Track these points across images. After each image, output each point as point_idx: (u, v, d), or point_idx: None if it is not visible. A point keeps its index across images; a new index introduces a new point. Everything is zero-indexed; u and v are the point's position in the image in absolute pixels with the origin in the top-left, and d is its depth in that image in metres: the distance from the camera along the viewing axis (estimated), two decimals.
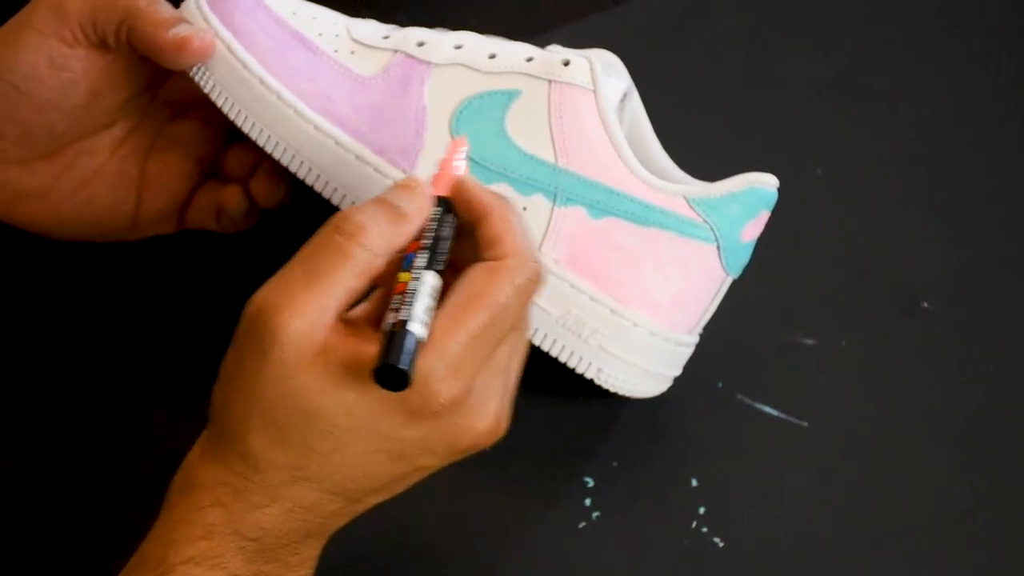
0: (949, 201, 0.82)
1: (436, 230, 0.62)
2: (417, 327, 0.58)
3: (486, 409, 0.62)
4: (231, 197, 0.75)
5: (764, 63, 0.85)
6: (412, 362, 0.57)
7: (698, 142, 0.79)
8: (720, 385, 0.76)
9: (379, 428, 0.61)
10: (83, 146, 0.74)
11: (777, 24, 0.86)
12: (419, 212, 0.62)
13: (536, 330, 0.70)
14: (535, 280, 0.62)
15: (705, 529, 0.73)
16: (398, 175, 0.70)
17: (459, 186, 0.64)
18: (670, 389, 0.73)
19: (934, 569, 0.73)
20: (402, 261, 0.60)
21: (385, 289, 0.62)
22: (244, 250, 0.77)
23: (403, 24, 0.75)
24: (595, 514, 0.73)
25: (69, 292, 0.78)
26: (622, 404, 0.74)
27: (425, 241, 0.61)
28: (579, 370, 0.70)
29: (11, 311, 0.77)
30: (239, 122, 0.71)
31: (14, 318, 0.77)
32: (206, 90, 0.71)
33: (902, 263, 0.80)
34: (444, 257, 0.61)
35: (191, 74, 0.71)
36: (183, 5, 0.73)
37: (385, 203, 0.62)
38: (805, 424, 0.75)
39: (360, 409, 0.60)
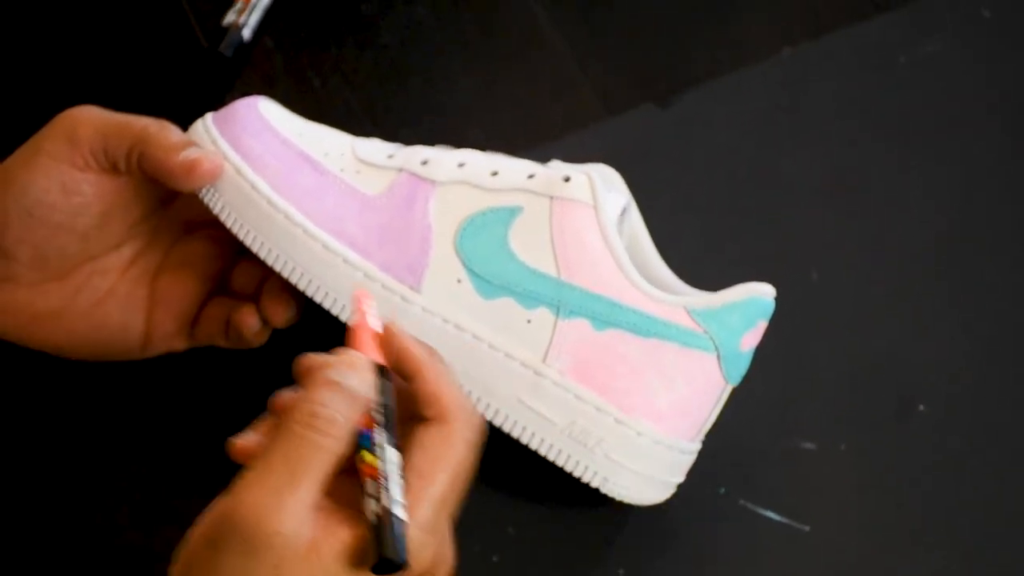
0: (944, 302, 0.82)
1: (384, 402, 0.62)
2: (400, 511, 0.59)
3: (449, 547, 0.63)
4: (245, 317, 0.75)
5: (758, 169, 0.85)
6: (405, 547, 0.58)
7: (695, 250, 0.80)
8: (723, 491, 0.75)
9: None
10: (94, 267, 0.74)
11: (771, 131, 0.87)
12: (368, 389, 0.62)
13: (542, 440, 0.70)
14: (481, 431, 0.63)
15: None
16: (405, 291, 0.70)
17: (386, 343, 0.64)
18: (674, 496, 0.73)
19: None
20: (356, 438, 0.61)
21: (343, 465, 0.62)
22: (253, 365, 0.77)
23: (407, 141, 0.76)
24: None
25: (76, 407, 0.77)
26: (626, 512, 0.73)
27: (378, 416, 0.61)
28: (585, 479, 0.70)
29: (19, 425, 0.77)
30: (248, 242, 0.71)
31: (21, 432, 0.77)
32: (215, 211, 0.71)
33: (898, 366, 0.80)
34: (394, 426, 0.62)
35: (200, 195, 0.72)
36: (191, 129, 0.74)
37: (338, 387, 0.61)
38: (807, 529, 0.75)
39: None
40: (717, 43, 0.90)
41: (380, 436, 0.61)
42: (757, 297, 0.69)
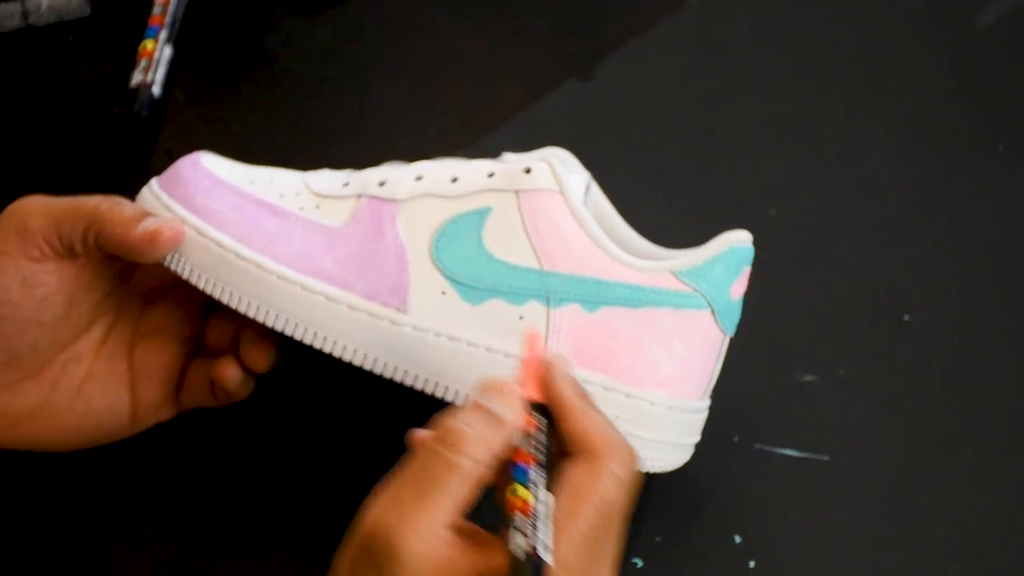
0: (900, 216, 0.80)
1: (543, 440, 0.59)
2: (545, 553, 0.56)
3: None
4: (225, 370, 0.71)
5: (693, 120, 0.83)
6: None
7: (657, 212, 0.77)
8: (736, 439, 0.73)
9: None
10: (67, 355, 0.70)
11: (696, 82, 0.84)
12: (514, 415, 0.60)
13: None
14: (632, 463, 0.60)
15: None
16: (392, 314, 0.66)
17: (544, 381, 0.61)
18: (692, 455, 0.70)
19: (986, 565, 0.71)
20: (509, 468, 0.58)
21: (498, 499, 0.60)
22: (247, 419, 0.73)
23: (340, 162, 0.72)
24: None
25: (75, 475, 0.72)
26: (649, 480, 0.70)
27: (536, 454, 0.59)
28: None
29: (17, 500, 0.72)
30: (225, 299, 0.67)
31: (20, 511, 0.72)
32: (185, 275, 0.67)
33: (874, 283, 0.78)
34: (551, 467, 0.59)
35: (166, 264, 0.67)
36: (140, 198, 0.69)
37: (481, 409, 0.60)
38: (826, 458, 0.72)
39: None
40: (621, 9, 0.86)
41: (536, 473, 0.58)
42: (736, 246, 0.67)
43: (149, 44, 0.84)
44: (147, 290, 0.72)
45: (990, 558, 0.71)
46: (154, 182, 0.69)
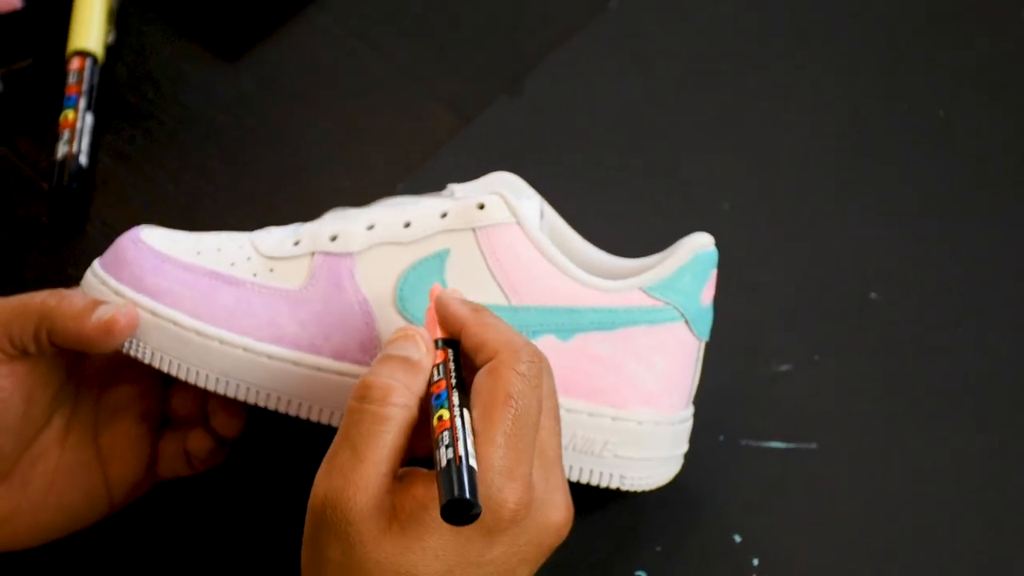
0: (861, 192, 0.78)
1: (456, 369, 0.59)
2: (467, 456, 0.56)
3: (556, 501, 0.59)
4: (197, 441, 0.68)
5: (632, 122, 0.80)
6: (475, 491, 0.55)
7: (611, 221, 0.75)
8: (722, 439, 0.70)
9: (470, 558, 0.57)
10: (32, 453, 0.66)
11: (626, 83, 0.81)
12: (423, 355, 0.60)
13: None
14: (535, 359, 0.59)
15: None
16: (364, 372, 0.62)
17: (435, 311, 0.62)
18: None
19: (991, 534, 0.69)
20: (431, 401, 0.59)
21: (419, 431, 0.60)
22: (225, 482, 0.70)
23: (281, 210, 0.69)
24: None
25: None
26: (643, 492, 0.68)
27: (453, 379, 0.59)
28: (603, 484, 0.65)
29: None
30: (191, 379, 0.63)
31: None
32: (145, 360, 0.64)
33: (836, 264, 0.76)
34: (465, 387, 0.60)
35: (125, 351, 0.64)
36: (84, 283, 0.65)
37: (396, 358, 0.60)
38: (814, 446, 0.70)
39: (446, 550, 0.57)
40: (542, 20, 0.84)
41: (455, 396, 0.58)
42: (700, 252, 0.64)
43: (70, 114, 0.80)
44: (101, 373, 0.69)
45: (984, 524, 0.69)
46: (96, 265, 0.66)
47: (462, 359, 0.60)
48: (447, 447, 0.56)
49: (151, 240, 0.65)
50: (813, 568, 0.68)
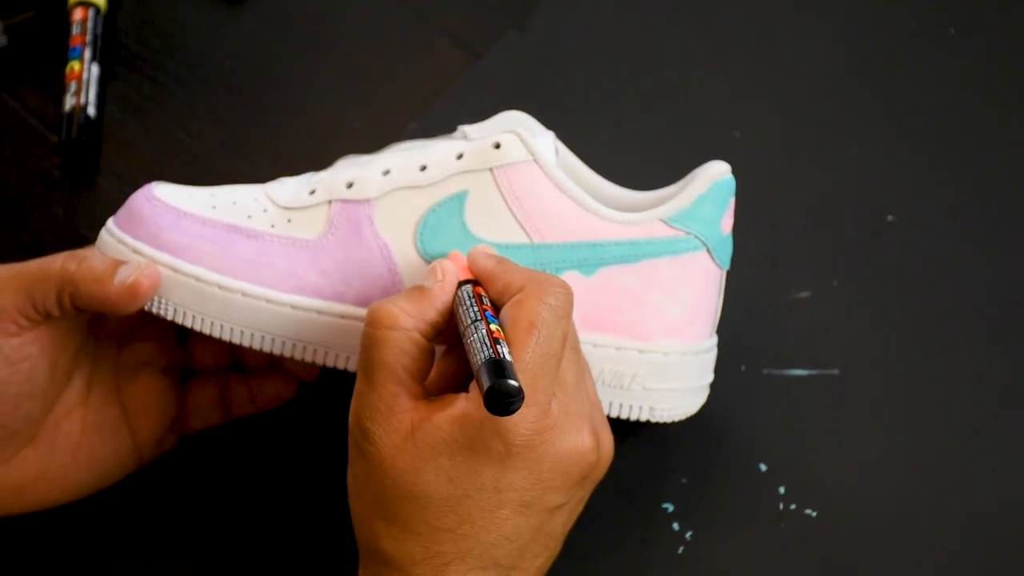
0: (873, 113, 0.75)
1: (484, 299, 0.59)
2: (508, 355, 0.55)
3: (577, 428, 0.57)
4: (275, 386, 0.67)
5: (642, 52, 0.77)
6: (515, 378, 0.54)
7: (626, 153, 0.73)
8: (743, 368, 0.68)
9: (485, 483, 0.56)
10: (56, 413, 0.64)
11: (637, 13, 0.78)
12: (442, 284, 0.59)
13: None
14: (562, 291, 0.57)
15: (794, 506, 0.66)
16: None
17: (465, 266, 0.61)
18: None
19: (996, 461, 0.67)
20: (460, 331, 0.57)
21: (454, 351, 0.60)
22: (253, 433, 0.68)
23: (294, 157, 0.67)
24: (688, 534, 0.65)
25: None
26: (664, 425, 0.66)
27: (484, 302, 0.58)
28: (632, 417, 0.63)
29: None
30: (215, 333, 0.61)
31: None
32: (169, 317, 0.61)
33: (851, 188, 0.73)
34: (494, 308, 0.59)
35: (147, 308, 0.61)
36: (100, 242, 0.63)
37: (409, 289, 0.60)
38: (836, 372, 0.68)
39: (459, 472, 0.56)
40: None
41: (483, 315, 0.57)
42: (719, 180, 0.62)
43: (76, 66, 0.77)
44: (119, 330, 0.66)
45: (1005, 443, 0.67)
46: (111, 223, 0.63)
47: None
48: (483, 349, 0.55)
49: (165, 196, 0.63)
50: (839, 495, 0.66)
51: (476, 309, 0.57)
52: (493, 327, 0.56)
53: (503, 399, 0.53)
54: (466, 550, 0.56)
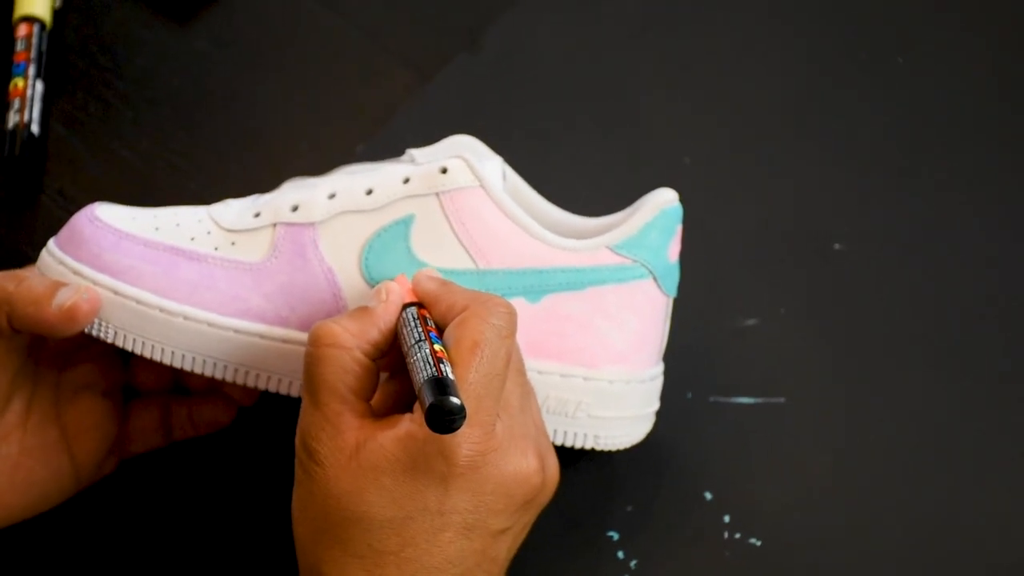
0: (822, 142, 0.75)
1: (428, 321, 0.58)
2: (451, 374, 0.55)
3: (522, 450, 0.57)
4: (213, 410, 0.66)
5: (592, 76, 0.77)
6: (457, 395, 0.53)
7: (572, 178, 0.72)
8: (690, 396, 0.68)
9: (428, 505, 0.55)
10: None
11: (586, 35, 0.78)
12: (386, 305, 0.59)
13: None
14: (505, 311, 0.57)
15: (739, 535, 0.66)
16: None
17: (411, 290, 0.61)
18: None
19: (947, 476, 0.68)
20: (404, 353, 0.57)
21: (399, 375, 0.60)
22: (191, 456, 0.67)
23: (239, 178, 0.66)
24: (633, 563, 0.65)
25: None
26: (610, 452, 0.66)
27: (428, 324, 0.58)
28: (578, 445, 0.63)
29: None
30: (156, 356, 0.60)
31: None
32: (109, 340, 0.60)
33: (799, 216, 0.73)
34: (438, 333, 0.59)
35: (87, 332, 0.60)
36: (40, 264, 0.62)
37: (353, 309, 0.60)
38: (783, 400, 0.68)
39: (402, 493, 0.55)
40: None
41: (427, 336, 0.57)
42: (666, 208, 0.62)
43: (19, 82, 0.76)
44: (61, 352, 0.65)
45: (950, 469, 0.68)
46: (52, 244, 0.62)
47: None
48: (426, 368, 0.54)
49: (107, 217, 0.62)
50: (784, 524, 0.66)
51: (420, 330, 0.56)
52: (437, 347, 0.55)
53: (445, 416, 0.52)
54: (409, 574, 0.56)
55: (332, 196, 0.62)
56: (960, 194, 0.74)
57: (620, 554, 0.65)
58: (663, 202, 0.62)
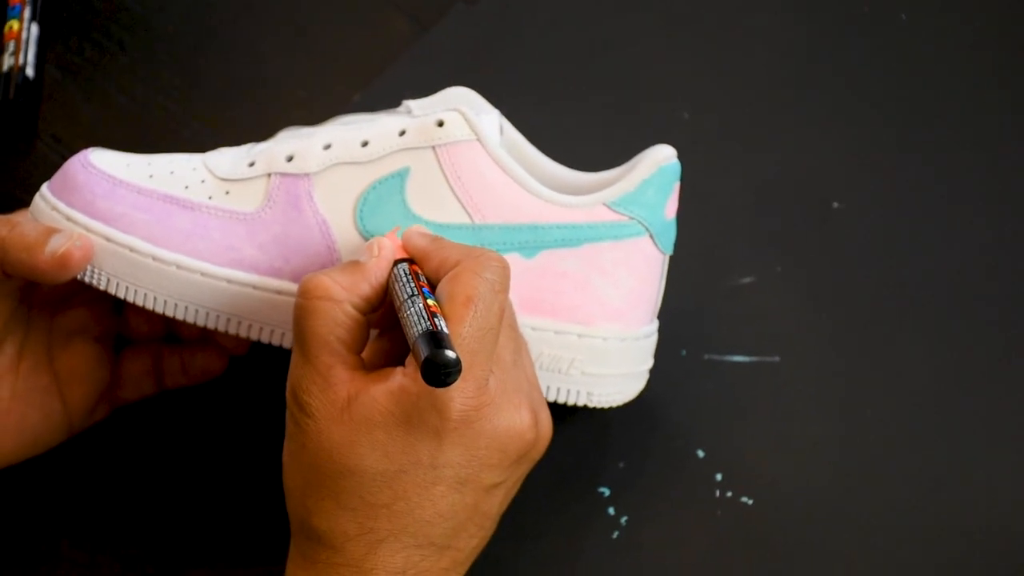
0: (821, 99, 0.74)
1: (420, 276, 0.58)
2: (445, 328, 0.54)
3: (515, 405, 0.57)
4: (206, 359, 0.66)
5: (588, 31, 0.76)
6: (452, 348, 0.53)
7: (570, 133, 0.72)
8: (684, 353, 0.68)
9: (421, 459, 0.55)
10: None
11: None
12: (377, 261, 0.58)
13: None
14: (498, 265, 0.57)
15: (730, 493, 0.66)
16: None
17: (403, 244, 0.60)
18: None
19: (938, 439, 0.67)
20: (403, 304, 0.57)
21: (388, 332, 0.59)
22: (187, 402, 0.67)
23: (235, 123, 0.65)
24: (623, 519, 0.65)
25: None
26: (602, 409, 0.65)
27: (420, 279, 0.58)
28: (571, 402, 0.62)
29: None
30: (148, 304, 0.60)
31: None
32: (102, 287, 0.60)
33: (798, 173, 0.72)
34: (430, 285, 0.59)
35: (80, 278, 0.60)
36: (33, 208, 0.61)
37: (345, 262, 0.60)
38: (777, 359, 0.68)
39: (395, 446, 0.55)
40: None
41: (419, 290, 0.56)
42: (664, 165, 0.61)
43: (14, 25, 0.75)
44: (53, 297, 0.65)
45: (944, 429, 0.67)
46: (45, 189, 0.62)
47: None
48: (420, 321, 0.54)
49: (101, 163, 0.61)
50: (776, 482, 0.66)
51: (413, 285, 0.56)
52: (430, 302, 0.55)
53: (440, 370, 0.52)
54: (401, 527, 0.56)
55: (327, 147, 0.61)
56: (961, 154, 0.74)
57: (611, 510, 0.65)
58: (661, 159, 0.61)
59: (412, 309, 0.54)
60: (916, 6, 0.77)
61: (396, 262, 0.58)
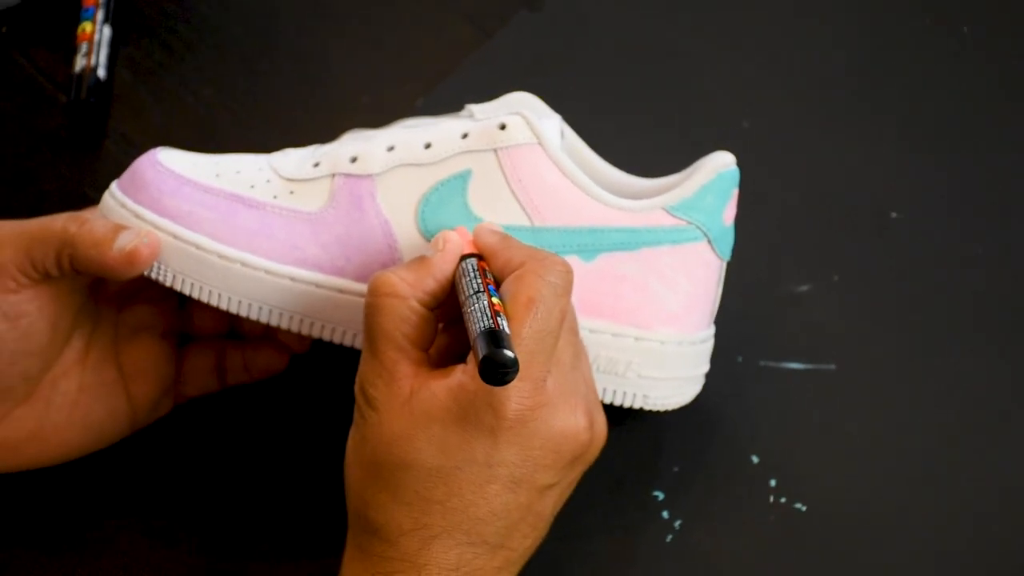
0: (883, 109, 0.74)
1: (487, 273, 0.59)
2: (507, 327, 0.55)
3: (571, 407, 0.57)
4: (266, 357, 0.67)
5: (650, 39, 0.76)
6: (511, 348, 0.54)
7: (631, 139, 0.72)
8: (740, 359, 0.68)
9: (476, 457, 0.56)
10: (54, 373, 0.64)
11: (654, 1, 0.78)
12: (443, 255, 0.59)
13: None
14: (562, 269, 0.57)
15: (784, 499, 0.66)
16: None
17: (471, 242, 0.61)
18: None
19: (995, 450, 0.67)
20: (460, 305, 0.58)
21: (454, 326, 0.60)
22: (250, 399, 0.68)
23: (302, 127, 0.66)
24: (677, 523, 0.65)
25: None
26: (660, 412, 0.65)
27: (487, 276, 0.58)
28: (626, 404, 0.63)
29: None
30: (213, 301, 0.61)
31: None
32: (168, 283, 0.61)
33: (857, 183, 0.72)
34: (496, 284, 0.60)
35: (147, 274, 0.61)
36: (103, 206, 0.63)
37: (410, 260, 0.60)
38: (833, 367, 0.68)
39: (451, 443, 0.56)
40: None
41: (485, 288, 0.57)
42: (723, 171, 0.61)
43: (87, 26, 0.77)
44: (120, 293, 0.66)
45: (1002, 443, 0.67)
46: (115, 187, 0.63)
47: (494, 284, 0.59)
48: (483, 319, 0.55)
49: (169, 162, 0.62)
50: (830, 489, 0.66)
51: (479, 281, 0.57)
52: (495, 300, 0.56)
53: (498, 369, 0.53)
54: (454, 524, 0.56)
55: (391, 149, 0.62)
56: (1021, 167, 0.74)
57: (665, 514, 0.66)
58: (720, 165, 0.62)
59: (476, 306, 0.55)
60: (978, 19, 0.77)
61: (463, 257, 0.59)
